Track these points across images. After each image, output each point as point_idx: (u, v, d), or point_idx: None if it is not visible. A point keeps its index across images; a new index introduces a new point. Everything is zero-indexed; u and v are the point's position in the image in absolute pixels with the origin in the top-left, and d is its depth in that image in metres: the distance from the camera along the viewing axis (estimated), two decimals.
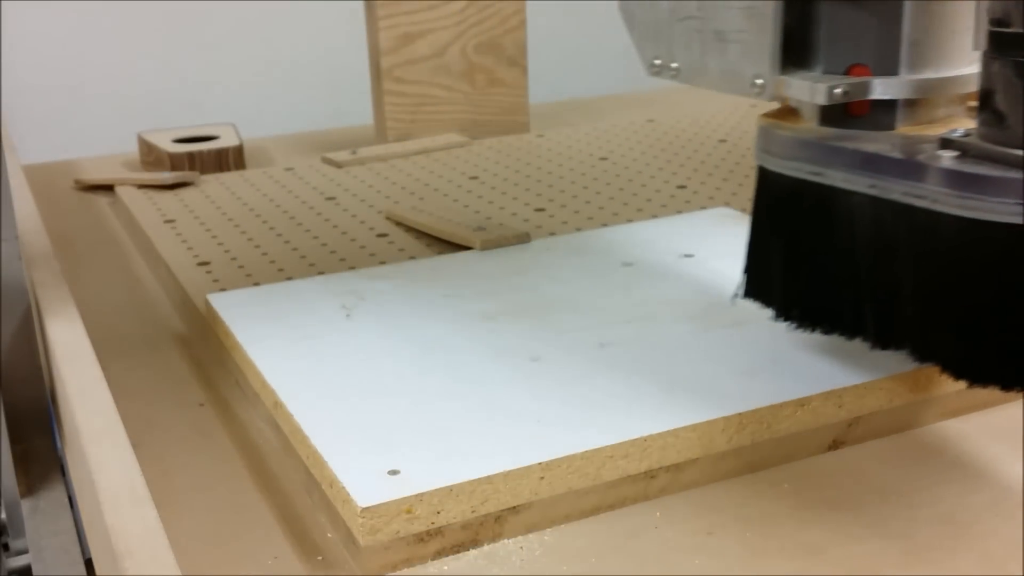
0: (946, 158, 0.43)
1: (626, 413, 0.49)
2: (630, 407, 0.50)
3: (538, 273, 0.68)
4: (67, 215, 0.96)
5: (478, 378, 0.53)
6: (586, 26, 1.97)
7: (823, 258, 0.49)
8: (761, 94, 0.49)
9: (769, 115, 0.51)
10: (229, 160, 1.04)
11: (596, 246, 0.72)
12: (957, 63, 0.48)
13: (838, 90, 0.47)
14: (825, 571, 0.42)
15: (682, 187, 0.91)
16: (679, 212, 0.83)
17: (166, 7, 1.73)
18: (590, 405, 0.50)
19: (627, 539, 0.45)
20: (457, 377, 0.54)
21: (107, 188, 1.01)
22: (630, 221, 0.81)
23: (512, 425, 0.49)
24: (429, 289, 0.65)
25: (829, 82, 0.47)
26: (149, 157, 1.06)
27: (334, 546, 0.46)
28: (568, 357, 0.55)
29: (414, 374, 0.54)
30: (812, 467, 0.50)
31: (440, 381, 0.53)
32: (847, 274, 0.48)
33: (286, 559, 0.45)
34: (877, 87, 0.48)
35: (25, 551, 0.64)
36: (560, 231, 0.80)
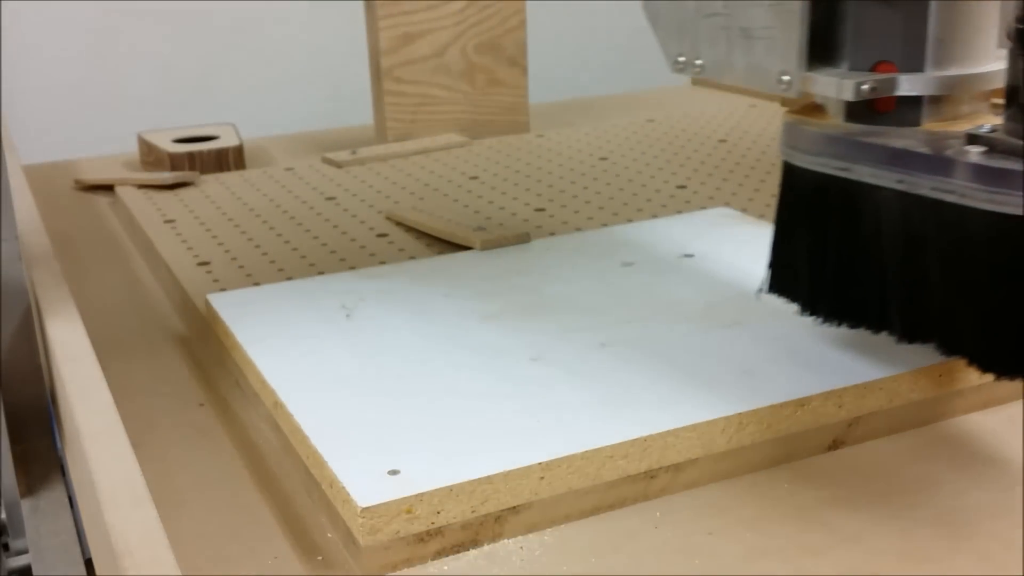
0: (974, 153, 0.44)
1: (626, 413, 0.49)
2: (630, 407, 0.50)
3: (538, 273, 0.68)
4: (67, 215, 0.96)
5: (478, 378, 0.53)
6: (586, 26, 1.98)
7: (849, 252, 0.49)
8: (788, 90, 0.50)
9: (794, 111, 0.52)
10: (229, 160, 1.04)
11: (596, 246, 0.72)
12: (982, 60, 0.48)
13: (865, 86, 0.47)
14: (825, 571, 0.42)
15: (682, 187, 0.91)
16: (679, 212, 0.83)
17: (166, 7, 1.73)
18: (590, 405, 0.50)
19: (627, 539, 0.45)
20: (457, 377, 0.54)
21: (107, 188, 1.01)
22: (630, 221, 0.81)
23: (512, 425, 0.49)
24: (429, 289, 0.65)
25: (856, 78, 0.47)
26: (149, 157, 1.06)
27: (334, 546, 0.46)
28: (568, 357, 0.55)
29: (414, 374, 0.54)
30: (812, 467, 0.50)
31: (440, 381, 0.53)
32: (874, 268, 0.48)
33: (286, 559, 0.45)
34: (903, 84, 0.48)
35: (25, 551, 0.64)
36: (560, 231, 0.80)
